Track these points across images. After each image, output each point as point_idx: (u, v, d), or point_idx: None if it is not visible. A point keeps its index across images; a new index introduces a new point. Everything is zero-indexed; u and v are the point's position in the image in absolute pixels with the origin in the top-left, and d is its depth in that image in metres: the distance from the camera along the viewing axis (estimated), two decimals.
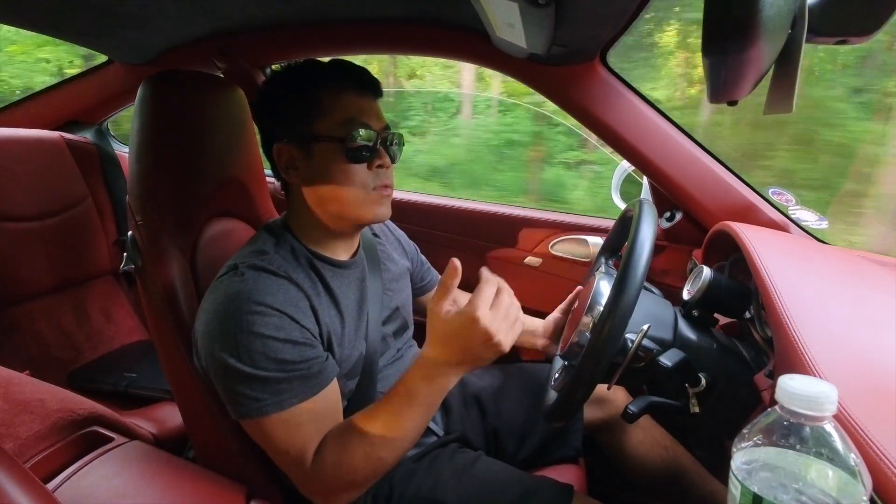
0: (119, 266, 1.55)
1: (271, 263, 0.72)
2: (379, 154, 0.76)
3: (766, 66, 0.52)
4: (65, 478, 0.71)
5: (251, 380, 0.66)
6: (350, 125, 0.74)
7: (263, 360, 0.66)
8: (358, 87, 0.76)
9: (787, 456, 0.37)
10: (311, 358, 0.70)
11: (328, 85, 0.75)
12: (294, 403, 0.68)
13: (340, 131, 0.74)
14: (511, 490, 0.80)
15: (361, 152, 0.74)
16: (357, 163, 0.75)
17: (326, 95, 0.75)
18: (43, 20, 1.10)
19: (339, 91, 0.75)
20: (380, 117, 0.78)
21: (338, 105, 0.74)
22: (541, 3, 0.61)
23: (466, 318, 0.61)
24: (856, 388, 0.47)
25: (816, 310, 0.63)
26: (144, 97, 0.82)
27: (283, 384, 0.67)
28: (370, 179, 0.76)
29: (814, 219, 1.06)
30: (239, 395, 0.67)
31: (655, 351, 0.72)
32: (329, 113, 0.74)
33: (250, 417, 0.68)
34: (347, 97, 0.75)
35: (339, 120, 0.74)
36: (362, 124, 0.74)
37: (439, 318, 0.63)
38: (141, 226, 0.81)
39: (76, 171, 1.42)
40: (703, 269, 0.82)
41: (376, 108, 0.78)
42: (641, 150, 1.08)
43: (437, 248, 1.38)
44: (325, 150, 0.74)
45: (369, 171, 0.76)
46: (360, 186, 0.75)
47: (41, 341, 1.31)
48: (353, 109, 0.75)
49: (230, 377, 0.67)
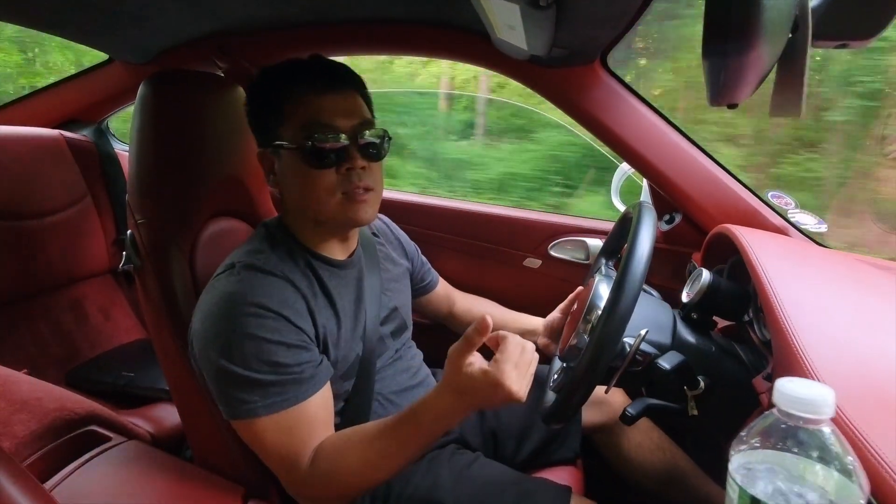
0: (118, 265, 1.55)
1: (267, 263, 0.72)
2: (347, 155, 0.72)
3: (767, 69, 0.52)
4: (62, 477, 0.71)
5: (243, 381, 0.66)
6: (308, 128, 0.71)
7: (256, 362, 0.66)
8: (321, 86, 0.72)
9: (785, 459, 0.37)
10: (305, 361, 0.70)
11: (286, 88, 0.73)
12: (285, 407, 0.67)
13: (300, 136, 0.71)
14: (509, 491, 0.80)
15: (323, 156, 0.71)
16: (319, 168, 0.71)
17: (286, 99, 0.72)
18: (44, 18, 1.10)
19: (298, 94, 0.72)
20: (350, 114, 0.73)
21: (297, 109, 0.72)
22: (541, 5, 0.61)
23: (492, 380, 0.61)
24: (854, 391, 0.47)
25: (815, 313, 0.63)
26: (145, 96, 0.82)
27: (275, 387, 0.67)
28: (337, 183, 0.72)
29: (813, 222, 1.06)
30: (230, 396, 0.67)
31: (653, 355, 0.72)
32: (288, 117, 0.72)
33: (240, 419, 0.68)
34: (304, 100, 0.72)
35: (298, 125, 0.71)
36: (324, 126, 0.71)
37: (460, 372, 0.63)
38: (140, 225, 0.81)
39: (76, 169, 1.42)
40: (702, 272, 0.82)
41: (345, 104, 0.74)
42: (641, 152, 1.08)
43: (438, 249, 1.37)
44: (288, 157, 0.73)
45: (338, 174, 0.72)
46: (326, 192, 0.72)
47: (39, 340, 1.31)
48: (312, 111, 0.71)
49: (222, 378, 0.67)
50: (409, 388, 0.91)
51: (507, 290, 1.30)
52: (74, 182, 1.41)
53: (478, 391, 0.63)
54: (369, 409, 0.84)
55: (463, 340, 0.63)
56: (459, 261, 1.40)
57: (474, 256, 1.40)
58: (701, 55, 0.53)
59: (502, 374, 0.61)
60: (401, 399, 0.88)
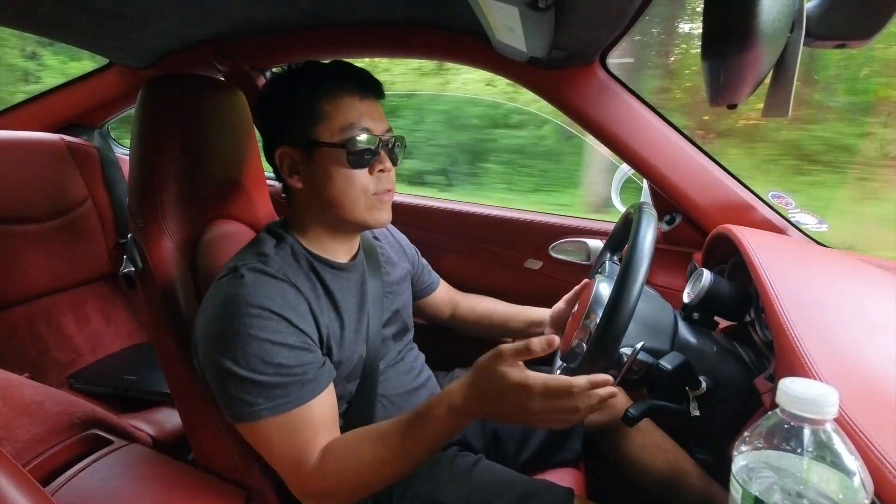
0: (119, 269, 1.56)
1: (271, 266, 0.72)
2: (380, 158, 0.76)
3: (766, 70, 0.52)
4: (63, 480, 0.71)
5: (246, 383, 0.66)
6: (350, 130, 0.73)
7: (260, 363, 0.66)
8: (358, 90, 0.76)
9: (789, 459, 0.37)
10: (308, 363, 0.70)
11: (328, 89, 0.74)
12: (289, 408, 0.68)
13: (341, 137, 0.73)
14: (511, 493, 0.79)
15: (362, 157, 0.74)
16: (358, 168, 0.75)
17: (326, 100, 0.74)
18: (44, 23, 1.10)
19: (340, 96, 0.74)
20: (381, 120, 0.77)
21: (338, 110, 0.74)
22: (540, 7, 0.61)
23: (519, 385, 0.61)
24: (857, 391, 0.47)
25: (816, 313, 0.63)
26: (145, 100, 0.82)
27: (278, 388, 0.67)
28: (371, 184, 0.76)
29: (813, 222, 1.06)
30: (234, 398, 0.67)
31: (651, 363, 0.72)
32: (329, 118, 0.74)
33: (244, 421, 0.68)
34: (348, 101, 0.74)
35: (340, 125, 0.74)
36: (363, 129, 0.74)
37: (493, 370, 0.63)
38: (141, 228, 0.81)
39: (77, 173, 1.42)
40: (703, 273, 0.82)
41: (377, 110, 0.78)
42: (641, 153, 1.08)
43: (438, 251, 1.37)
44: (326, 155, 0.74)
45: (370, 175, 0.76)
46: (362, 192, 0.75)
47: (41, 343, 1.31)
48: (354, 114, 0.74)
49: (226, 380, 0.67)
50: (412, 389, 0.91)
51: (508, 292, 1.30)
52: (76, 186, 1.42)
53: (501, 400, 0.63)
54: (373, 411, 0.84)
55: (521, 344, 0.62)
56: (460, 263, 1.41)
57: (475, 258, 1.40)
58: (700, 56, 0.53)
59: (532, 397, 0.60)
60: (404, 400, 0.88)
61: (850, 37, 0.52)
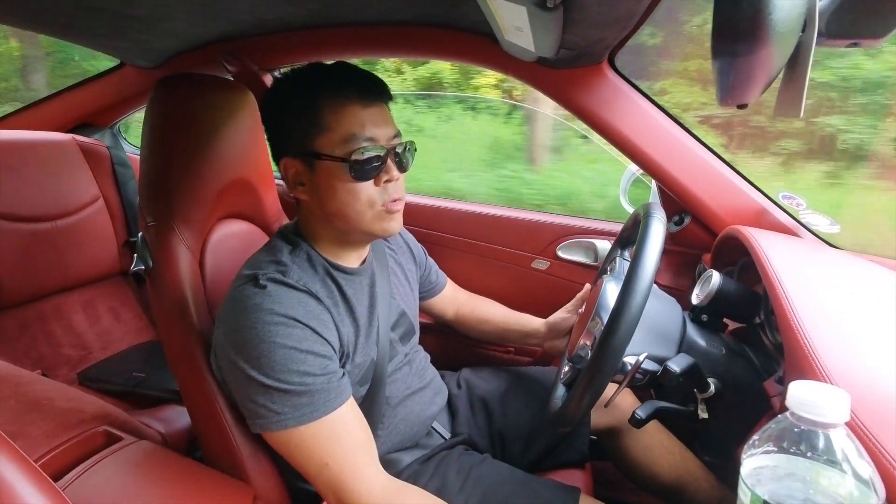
0: (129, 267, 1.57)
1: (290, 276, 0.71)
2: (386, 168, 0.72)
3: (777, 69, 0.51)
4: (74, 476, 0.72)
5: (272, 392, 0.66)
6: (353, 141, 0.69)
7: (285, 371, 0.65)
8: (361, 96, 0.71)
9: (798, 463, 0.37)
10: (332, 372, 0.70)
11: (328, 97, 0.70)
12: (316, 418, 0.67)
13: (343, 149, 0.69)
14: (517, 492, 0.79)
15: (367, 169, 0.70)
16: (363, 180, 0.71)
17: (327, 110, 0.70)
18: (55, 24, 1.11)
19: (341, 105, 0.70)
20: (387, 126, 0.73)
21: (340, 120, 0.70)
22: (549, 7, 0.61)
23: None
24: (868, 395, 0.47)
25: (827, 315, 0.62)
26: (155, 100, 0.83)
27: (304, 397, 0.66)
28: (378, 196, 0.72)
29: (825, 223, 1.04)
30: (260, 407, 0.67)
31: (655, 371, 0.71)
32: (331, 129, 0.70)
33: (271, 430, 0.68)
34: (349, 110, 0.70)
35: (342, 136, 0.70)
36: (366, 139, 0.70)
37: None
38: (151, 227, 0.82)
39: (88, 173, 1.44)
40: (712, 274, 0.81)
41: (383, 115, 0.74)
42: (650, 153, 1.08)
43: (445, 250, 1.38)
44: (328, 168, 0.71)
45: (376, 186, 0.72)
46: (368, 205, 0.72)
47: (52, 340, 1.33)
48: (356, 124, 0.70)
49: (251, 388, 0.67)
50: (417, 390, 0.91)
51: (515, 292, 1.30)
52: (87, 185, 1.43)
53: None
54: (379, 414, 0.84)
55: None
56: (467, 262, 1.40)
57: (483, 258, 1.40)
58: (710, 55, 0.52)
59: None
60: (409, 401, 0.89)
61: (863, 35, 0.52)
